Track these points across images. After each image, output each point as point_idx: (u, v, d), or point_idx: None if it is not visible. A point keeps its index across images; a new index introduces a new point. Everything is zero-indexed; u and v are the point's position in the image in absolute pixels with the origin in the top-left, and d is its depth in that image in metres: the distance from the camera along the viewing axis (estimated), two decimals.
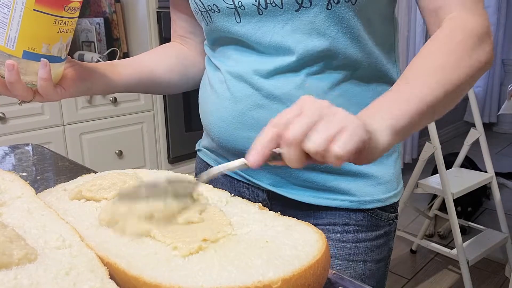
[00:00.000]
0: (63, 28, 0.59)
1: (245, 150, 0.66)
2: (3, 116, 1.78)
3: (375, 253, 0.70)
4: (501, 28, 4.24)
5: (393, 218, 0.71)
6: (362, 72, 0.63)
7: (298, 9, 0.59)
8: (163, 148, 2.30)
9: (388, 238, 0.72)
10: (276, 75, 0.63)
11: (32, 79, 0.60)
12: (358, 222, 0.68)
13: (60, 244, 0.41)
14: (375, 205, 0.68)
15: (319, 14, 0.58)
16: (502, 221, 1.98)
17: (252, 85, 0.64)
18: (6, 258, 0.37)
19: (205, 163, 0.79)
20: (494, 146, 3.86)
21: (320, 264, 0.39)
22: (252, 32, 0.62)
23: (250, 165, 0.44)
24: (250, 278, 0.36)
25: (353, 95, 0.64)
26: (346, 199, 0.67)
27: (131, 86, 0.75)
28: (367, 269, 0.69)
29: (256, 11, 0.61)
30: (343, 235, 0.68)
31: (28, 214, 0.47)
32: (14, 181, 0.55)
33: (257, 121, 0.64)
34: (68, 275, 0.37)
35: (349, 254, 0.69)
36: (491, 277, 2.07)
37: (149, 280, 0.36)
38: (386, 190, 0.68)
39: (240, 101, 0.65)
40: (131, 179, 0.54)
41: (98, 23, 2.30)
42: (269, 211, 0.50)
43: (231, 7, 0.62)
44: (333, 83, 0.62)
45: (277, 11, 0.60)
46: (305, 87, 0.62)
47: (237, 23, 0.63)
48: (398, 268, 2.16)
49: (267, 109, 0.63)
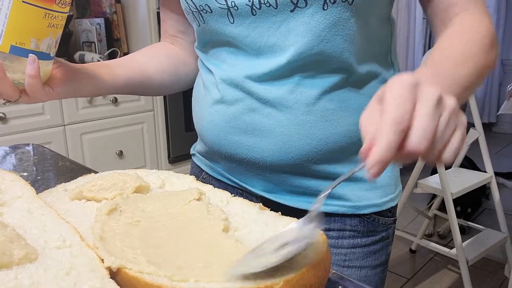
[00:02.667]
0: (53, 23, 0.56)
1: (237, 154, 0.66)
2: (3, 116, 1.78)
3: (372, 258, 0.68)
4: (500, 28, 4.24)
5: (390, 223, 0.69)
6: (356, 75, 0.61)
7: (293, 9, 0.57)
8: (163, 148, 2.30)
9: (386, 243, 0.70)
10: (269, 80, 0.61)
11: (19, 77, 0.56)
12: (353, 228, 0.66)
13: (60, 244, 0.41)
14: (371, 210, 0.66)
15: (315, 14, 0.56)
16: (501, 221, 1.98)
17: (245, 90, 0.62)
18: (7, 258, 0.37)
19: (199, 168, 0.78)
20: (493, 146, 3.86)
21: (321, 264, 0.39)
22: (246, 33, 0.60)
23: (370, 179, 0.38)
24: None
25: (347, 99, 0.62)
26: (340, 204, 0.65)
27: (121, 87, 0.72)
28: (363, 275, 0.67)
29: (250, 12, 0.59)
30: (338, 240, 0.67)
31: (29, 214, 0.47)
32: (15, 181, 0.55)
33: (249, 125, 0.63)
34: (69, 275, 0.37)
35: (344, 260, 0.67)
36: (490, 277, 2.07)
37: (150, 281, 0.36)
38: (383, 195, 0.66)
39: (232, 105, 0.64)
40: (131, 180, 0.54)
41: (98, 24, 2.31)
42: (269, 211, 0.50)
43: (224, 7, 0.60)
44: (326, 87, 0.60)
45: (271, 12, 0.58)
46: (298, 91, 0.60)
47: (231, 23, 0.61)
48: (397, 268, 2.16)
49: (260, 113, 0.62)
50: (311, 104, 0.60)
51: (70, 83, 0.64)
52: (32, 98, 0.60)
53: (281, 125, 0.61)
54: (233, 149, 0.65)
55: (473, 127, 1.92)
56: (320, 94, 0.60)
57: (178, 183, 0.58)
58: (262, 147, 0.63)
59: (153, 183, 0.58)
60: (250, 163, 0.65)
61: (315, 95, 0.60)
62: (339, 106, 0.61)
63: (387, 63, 0.67)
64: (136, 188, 0.54)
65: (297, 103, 0.60)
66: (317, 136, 0.61)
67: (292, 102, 0.60)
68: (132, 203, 0.50)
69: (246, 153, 0.64)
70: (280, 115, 0.61)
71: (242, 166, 0.67)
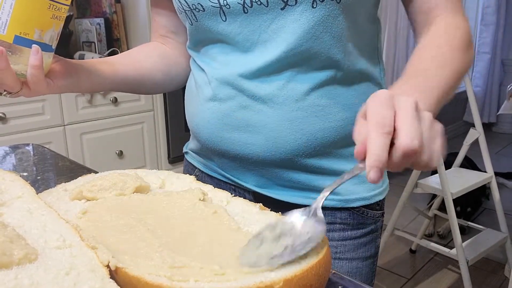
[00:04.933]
0: (56, 15, 0.56)
1: (230, 151, 0.68)
2: (3, 116, 1.78)
3: (362, 251, 0.70)
4: (500, 28, 4.24)
5: (379, 216, 0.72)
6: (345, 72, 0.64)
7: (284, 7, 0.59)
8: (163, 148, 2.30)
9: (375, 236, 0.72)
10: (259, 77, 0.63)
11: (21, 68, 0.56)
12: (343, 221, 0.69)
13: (60, 244, 0.41)
14: (360, 203, 0.68)
15: (304, 12, 0.58)
16: (501, 221, 1.98)
17: (237, 87, 0.64)
18: (7, 258, 0.37)
19: (191, 165, 0.79)
20: (493, 146, 3.86)
21: (322, 264, 0.39)
22: (238, 31, 0.62)
23: (372, 182, 0.40)
24: (252, 279, 0.36)
25: (336, 95, 0.64)
26: (331, 198, 0.67)
27: (118, 83, 0.73)
28: (354, 267, 0.70)
29: (242, 10, 0.60)
30: (329, 233, 0.69)
31: (29, 214, 0.47)
32: (15, 181, 0.55)
33: (241, 121, 0.64)
34: (69, 275, 0.37)
35: (335, 252, 0.69)
36: (490, 277, 2.07)
37: (150, 281, 0.36)
38: (371, 188, 0.69)
39: (224, 102, 0.65)
40: (131, 180, 0.54)
41: (98, 24, 2.31)
42: (270, 211, 0.50)
43: (216, 5, 0.61)
44: (315, 83, 0.62)
45: (262, 10, 0.59)
46: (288, 87, 0.62)
47: (223, 21, 0.62)
48: (397, 268, 2.16)
49: (251, 110, 0.63)
50: (301, 100, 0.62)
51: (69, 76, 0.64)
52: (33, 90, 0.60)
53: (272, 121, 0.63)
54: (226, 145, 0.67)
55: (473, 127, 1.92)
56: (309, 90, 0.62)
57: (178, 183, 0.58)
58: (254, 142, 0.64)
59: (153, 183, 0.58)
60: (243, 159, 0.67)
61: (305, 91, 0.62)
62: (328, 102, 0.63)
63: (374, 60, 0.69)
64: (136, 188, 0.54)
65: (287, 99, 0.62)
66: (307, 131, 0.63)
67: (282, 99, 0.62)
68: (136, 203, 0.50)
69: (239, 149, 0.66)
70: (271, 111, 0.63)
71: (235, 162, 0.68)
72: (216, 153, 0.70)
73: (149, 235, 0.43)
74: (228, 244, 0.42)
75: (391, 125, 0.40)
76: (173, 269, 0.37)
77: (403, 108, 0.40)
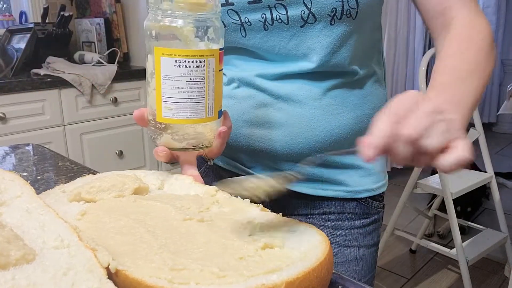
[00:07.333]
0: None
1: (248, 146, 0.70)
2: (3, 116, 1.78)
3: (367, 238, 0.75)
4: (500, 28, 4.24)
5: (381, 207, 0.77)
6: (355, 76, 0.68)
7: (303, 25, 0.62)
8: None
9: (377, 225, 0.77)
10: (279, 79, 0.66)
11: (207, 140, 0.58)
12: (351, 211, 0.73)
13: (58, 244, 0.41)
14: (366, 194, 0.73)
15: (323, 29, 0.61)
16: (501, 221, 1.98)
17: (256, 87, 0.68)
18: (4, 258, 0.36)
19: (202, 158, 0.81)
20: (493, 146, 3.86)
21: (324, 266, 0.39)
22: (258, 46, 0.65)
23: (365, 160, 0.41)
24: (254, 282, 0.36)
25: (347, 96, 0.68)
26: (341, 189, 0.72)
27: None
28: (360, 254, 0.74)
29: (262, 27, 0.63)
30: (338, 223, 0.73)
31: (27, 214, 0.47)
32: (14, 181, 0.55)
33: (261, 118, 0.67)
34: (66, 275, 0.36)
35: (344, 240, 0.73)
36: (490, 277, 2.07)
37: (151, 283, 0.36)
38: (376, 180, 0.74)
39: (244, 100, 0.69)
40: (130, 181, 0.54)
41: (98, 24, 2.31)
42: (270, 212, 0.50)
43: (238, 22, 0.65)
44: (330, 86, 0.67)
45: (282, 27, 0.62)
46: (306, 88, 0.66)
47: (243, 37, 0.66)
48: (397, 267, 2.16)
49: (272, 108, 0.67)
50: (319, 99, 0.66)
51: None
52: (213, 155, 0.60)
53: (293, 117, 0.66)
54: (244, 141, 0.70)
55: (473, 127, 1.92)
56: (325, 91, 0.66)
57: (177, 184, 0.58)
58: (273, 138, 0.68)
59: (152, 184, 0.57)
60: (261, 154, 0.70)
61: (321, 92, 0.66)
62: (340, 102, 0.67)
63: (379, 62, 0.74)
64: (135, 189, 0.53)
65: (306, 98, 0.66)
66: (324, 128, 0.67)
67: (302, 97, 0.66)
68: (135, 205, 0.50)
69: (258, 145, 0.69)
70: (291, 109, 0.66)
71: (252, 156, 0.71)
72: (234, 148, 0.72)
73: (148, 237, 0.43)
74: (229, 246, 0.42)
75: (401, 116, 0.41)
76: (174, 272, 0.37)
77: (421, 107, 0.42)
